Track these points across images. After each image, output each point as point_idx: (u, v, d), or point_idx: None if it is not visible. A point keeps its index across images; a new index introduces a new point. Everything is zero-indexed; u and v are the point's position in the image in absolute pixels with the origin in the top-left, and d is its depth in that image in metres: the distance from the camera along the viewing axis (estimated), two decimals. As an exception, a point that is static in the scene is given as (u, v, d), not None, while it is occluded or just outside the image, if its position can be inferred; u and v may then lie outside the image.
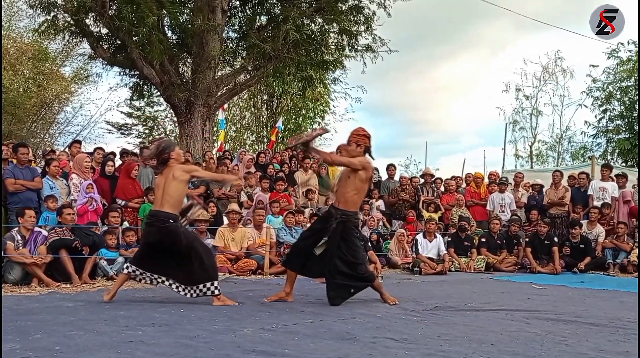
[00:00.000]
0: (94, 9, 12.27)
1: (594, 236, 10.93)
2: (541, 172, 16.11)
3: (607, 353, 3.80)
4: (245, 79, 15.42)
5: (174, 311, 5.10)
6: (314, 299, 6.22)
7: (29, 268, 7.01)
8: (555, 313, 5.49)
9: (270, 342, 3.90)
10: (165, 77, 13.64)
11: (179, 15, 13.66)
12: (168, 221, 5.56)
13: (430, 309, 5.61)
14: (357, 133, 5.92)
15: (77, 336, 3.94)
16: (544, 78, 26.30)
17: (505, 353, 3.69)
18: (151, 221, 5.67)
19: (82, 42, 14.61)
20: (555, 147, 26.70)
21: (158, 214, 5.60)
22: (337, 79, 20.02)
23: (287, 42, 13.35)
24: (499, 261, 10.84)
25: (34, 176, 8.47)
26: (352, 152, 5.85)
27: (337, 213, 5.80)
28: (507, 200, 12.01)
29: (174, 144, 5.90)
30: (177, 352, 3.52)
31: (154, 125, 25.69)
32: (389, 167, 13.11)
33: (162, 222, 5.57)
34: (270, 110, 23.30)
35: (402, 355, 3.59)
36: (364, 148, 5.84)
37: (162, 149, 5.67)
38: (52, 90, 19.14)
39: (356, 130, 5.99)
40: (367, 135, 5.91)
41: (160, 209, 5.59)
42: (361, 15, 14.10)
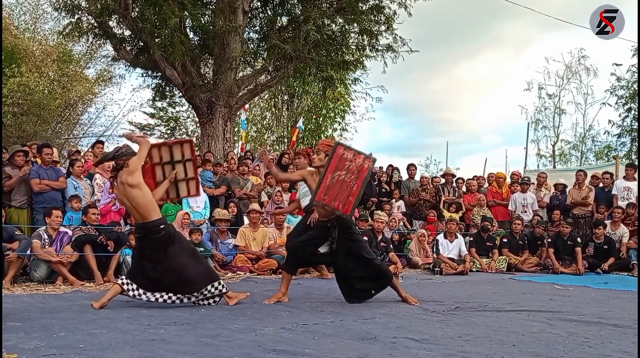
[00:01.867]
0: (117, 11, 12.41)
1: (618, 236, 10.78)
2: (564, 172, 15.93)
3: (630, 355, 3.76)
4: (266, 79, 15.47)
5: (195, 311, 5.16)
6: (334, 299, 6.24)
7: (54, 266, 7.15)
8: (578, 314, 5.44)
9: (290, 341, 3.92)
10: (187, 78, 13.74)
11: (201, 17, 13.73)
12: (159, 229, 5.33)
13: (451, 309, 5.60)
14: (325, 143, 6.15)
15: (100, 334, 4.00)
16: (567, 77, 26.03)
17: (527, 354, 3.67)
18: (143, 235, 5.34)
19: (106, 44, 14.78)
20: (579, 146, 26.41)
21: (147, 227, 5.28)
22: (357, 79, 20.01)
23: (307, 43, 13.36)
24: (520, 261, 10.75)
25: (58, 176, 8.62)
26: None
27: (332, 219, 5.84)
28: (529, 200, 11.91)
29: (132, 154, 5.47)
30: (199, 351, 3.56)
31: (176, 125, 25.88)
32: (410, 167, 13.06)
33: (155, 232, 5.30)
34: (291, 110, 23.35)
35: (423, 355, 3.59)
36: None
37: (119, 154, 5.41)
38: (76, 91, 19.35)
39: (324, 141, 6.35)
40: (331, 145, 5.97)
41: (146, 220, 5.28)
42: (382, 15, 14.04)
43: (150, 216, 5.28)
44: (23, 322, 4.37)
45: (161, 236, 5.32)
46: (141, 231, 5.35)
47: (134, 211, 5.33)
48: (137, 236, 5.51)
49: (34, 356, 3.35)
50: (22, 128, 17.19)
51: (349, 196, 5.57)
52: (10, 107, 16.52)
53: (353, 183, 5.58)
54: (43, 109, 17.67)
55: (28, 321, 4.43)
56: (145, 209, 5.27)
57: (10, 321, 4.38)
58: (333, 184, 5.55)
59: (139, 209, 5.27)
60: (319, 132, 23.11)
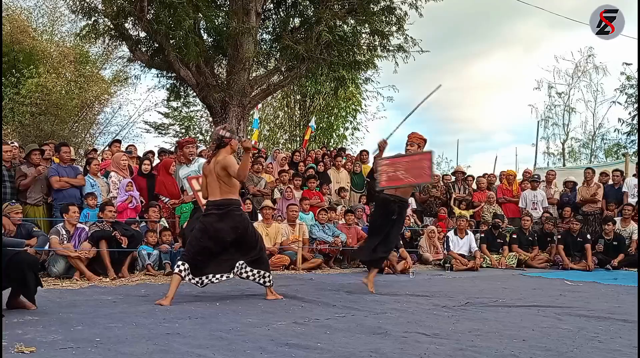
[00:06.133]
0: (133, 14, 12.53)
1: (628, 233, 10.77)
2: (574, 169, 15.87)
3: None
4: (278, 79, 15.53)
5: (209, 305, 5.23)
6: (345, 294, 6.29)
7: (72, 261, 7.27)
8: (587, 309, 5.45)
9: (302, 335, 3.95)
10: (201, 79, 13.84)
11: (215, 19, 13.82)
12: (240, 209, 5.64)
13: (461, 305, 5.63)
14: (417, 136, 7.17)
15: (116, 328, 4.06)
16: (577, 75, 25.91)
17: (537, 349, 3.68)
18: (224, 211, 5.50)
19: (121, 45, 14.86)
20: (588, 144, 26.27)
21: (229, 203, 5.53)
22: (368, 78, 20.02)
23: (319, 43, 13.42)
24: (530, 258, 10.76)
25: (76, 174, 8.76)
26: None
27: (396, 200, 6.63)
28: (539, 197, 11.94)
29: (234, 133, 5.80)
30: (212, 344, 3.60)
31: (190, 125, 26.04)
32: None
33: (238, 209, 5.61)
34: (303, 110, 23.40)
35: (433, 350, 3.60)
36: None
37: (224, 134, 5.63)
38: (93, 92, 19.49)
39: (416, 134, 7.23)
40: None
41: (229, 196, 5.54)
42: (393, 16, 14.06)
43: (235, 195, 5.60)
44: (41, 316, 4.44)
45: (240, 214, 5.62)
46: (224, 206, 5.52)
47: (218, 188, 5.52)
48: (217, 213, 5.54)
49: (51, 349, 3.39)
50: (40, 127, 17.36)
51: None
52: (29, 107, 16.70)
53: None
54: (60, 109, 17.84)
55: (46, 315, 4.50)
56: (230, 189, 5.53)
57: (29, 315, 4.47)
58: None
59: (224, 188, 5.50)
60: (331, 131, 23.17)
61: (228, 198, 5.53)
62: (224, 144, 5.61)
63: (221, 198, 5.53)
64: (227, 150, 5.61)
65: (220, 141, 5.61)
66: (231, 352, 3.43)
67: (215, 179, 5.54)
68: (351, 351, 3.52)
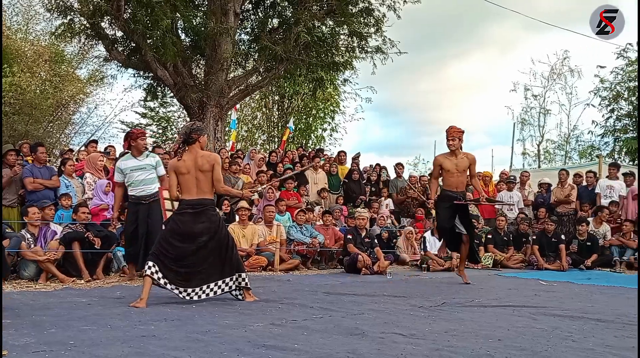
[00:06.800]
0: (110, 13, 12.41)
1: (601, 234, 10.96)
2: (549, 171, 16.08)
3: (613, 348, 3.82)
4: (256, 80, 15.52)
5: (186, 307, 5.17)
6: (323, 295, 6.29)
7: (42, 265, 7.15)
8: (562, 309, 5.52)
9: (280, 336, 3.94)
10: (179, 79, 13.77)
11: (193, 19, 13.77)
12: (215, 209, 5.57)
13: (438, 305, 5.66)
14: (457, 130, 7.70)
15: (90, 330, 3.99)
16: (552, 78, 26.32)
17: (512, 349, 3.70)
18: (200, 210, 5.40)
19: (98, 44, 14.76)
20: (563, 146, 26.70)
21: (205, 203, 5.43)
22: (347, 79, 20.13)
23: (298, 44, 13.44)
24: (506, 258, 10.87)
25: (51, 175, 8.64)
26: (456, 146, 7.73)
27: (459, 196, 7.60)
28: (514, 198, 12.10)
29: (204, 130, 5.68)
30: (189, 346, 3.56)
31: (167, 125, 25.88)
32: (397, 166, 13.17)
33: (213, 209, 5.54)
34: (281, 110, 23.41)
35: (410, 350, 3.61)
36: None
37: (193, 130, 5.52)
38: (68, 91, 19.33)
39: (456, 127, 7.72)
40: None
41: (205, 196, 5.44)
42: (371, 18, 14.16)
43: (210, 194, 5.49)
44: (13, 319, 4.35)
45: (215, 215, 5.55)
46: (199, 206, 5.41)
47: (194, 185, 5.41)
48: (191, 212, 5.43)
49: (24, 353, 3.33)
50: (13, 127, 17.16)
51: None
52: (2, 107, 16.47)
53: None
54: (35, 108, 17.66)
55: (18, 318, 4.41)
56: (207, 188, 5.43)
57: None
58: None
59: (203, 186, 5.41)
60: (309, 132, 23.20)
61: (204, 198, 5.45)
62: (193, 140, 5.50)
63: (197, 198, 5.42)
64: (197, 146, 5.52)
65: (189, 136, 5.49)
66: (208, 354, 3.40)
67: (193, 177, 5.41)
68: (328, 352, 3.52)
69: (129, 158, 7.31)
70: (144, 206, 7.19)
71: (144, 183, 7.23)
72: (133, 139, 7.29)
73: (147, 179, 7.26)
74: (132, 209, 7.26)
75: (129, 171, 7.20)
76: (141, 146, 7.38)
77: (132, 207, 7.28)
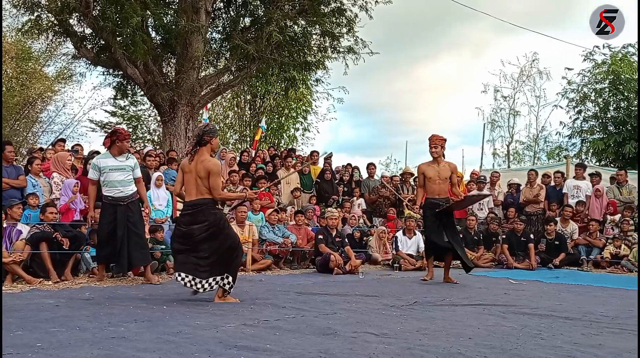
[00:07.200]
0: (78, 9, 12.22)
1: (568, 233, 11.16)
2: (518, 171, 16.31)
3: (580, 346, 3.88)
4: (228, 79, 15.45)
5: (157, 308, 5.12)
6: (295, 295, 6.28)
7: (7, 267, 6.97)
8: (531, 307, 5.60)
9: (252, 337, 3.91)
10: (149, 77, 13.63)
11: (163, 16, 13.63)
12: (215, 208, 5.66)
13: (409, 304, 5.70)
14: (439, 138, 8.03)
15: (58, 333, 3.92)
16: (522, 79, 26.74)
17: (483, 347, 3.75)
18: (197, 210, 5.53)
19: (66, 41, 14.54)
20: (532, 147, 27.13)
21: (203, 202, 5.55)
22: (319, 79, 20.16)
23: (270, 44, 13.41)
24: (476, 257, 10.99)
25: (18, 175, 8.45)
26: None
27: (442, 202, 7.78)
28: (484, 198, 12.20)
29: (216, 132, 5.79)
30: (159, 348, 3.52)
31: (138, 124, 25.57)
32: (369, 166, 13.23)
33: (213, 208, 5.64)
34: (254, 110, 23.34)
35: (382, 350, 3.62)
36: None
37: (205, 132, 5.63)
38: (35, 89, 19.04)
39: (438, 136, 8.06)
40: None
41: (205, 196, 5.55)
42: (343, 18, 14.20)
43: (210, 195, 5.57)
44: (-22, 321, 4.28)
45: (215, 213, 5.61)
46: (198, 206, 5.54)
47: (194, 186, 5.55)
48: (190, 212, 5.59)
49: (-11, 355, 3.26)
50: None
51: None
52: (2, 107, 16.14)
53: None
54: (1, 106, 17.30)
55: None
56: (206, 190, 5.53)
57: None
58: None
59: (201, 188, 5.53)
60: (282, 132, 23.17)
61: (203, 198, 5.55)
62: (205, 142, 5.60)
63: (196, 198, 5.56)
64: (208, 149, 5.63)
65: (201, 138, 5.59)
66: (179, 355, 3.37)
67: (193, 178, 5.56)
68: (300, 352, 3.51)
69: (108, 156, 7.20)
70: (122, 208, 7.10)
71: (122, 184, 7.13)
72: (120, 139, 7.19)
73: (125, 181, 7.17)
74: (110, 210, 7.14)
75: (107, 171, 7.10)
76: (126, 147, 7.31)
77: (109, 208, 7.15)
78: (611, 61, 20.58)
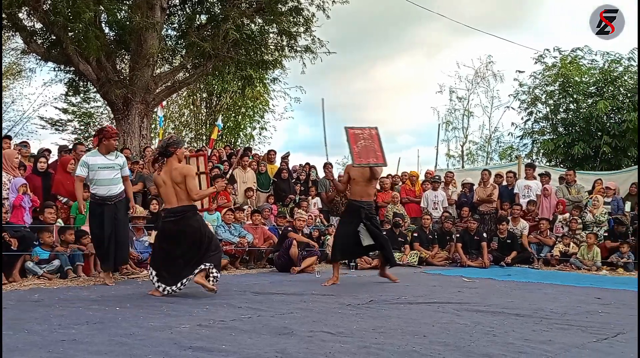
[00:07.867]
0: (28, 3, 11.87)
1: (519, 231, 11.42)
2: (472, 171, 16.59)
3: (531, 342, 3.97)
4: (184, 77, 15.27)
5: (109, 309, 5.03)
6: (252, 294, 6.26)
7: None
8: (484, 305, 5.72)
9: (207, 338, 3.89)
10: (102, 74, 13.36)
11: (117, 12, 13.37)
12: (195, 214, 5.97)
13: (365, 303, 5.74)
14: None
15: (6, 336, 3.80)
16: (476, 81, 27.24)
17: (437, 344, 3.80)
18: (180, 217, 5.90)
19: (15, 36, 14.11)
20: (485, 147, 27.67)
21: (186, 209, 5.91)
22: (276, 78, 20.11)
23: (226, 42, 13.32)
24: (431, 256, 11.16)
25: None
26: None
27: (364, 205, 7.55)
28: (439, 198, 12.42)
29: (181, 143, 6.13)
30: (112, 350, 3.47)
31: (90, 121, 25.03)
32: (326, 166, 13.23)
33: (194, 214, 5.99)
34: (210, 108, 23.13)
35: (338, 348, 3.64)
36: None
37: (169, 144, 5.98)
38: (-18, 85, 18.40)
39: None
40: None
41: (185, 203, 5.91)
42: (300, 17, 14.20)
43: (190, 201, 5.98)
44: None
45: (197, 219, 6.01)
46: (180, 213, 5.92)
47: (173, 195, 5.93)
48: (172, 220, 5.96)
49: None
50: None
51: (376, 152, 7.46)
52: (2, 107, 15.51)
53: (372, 144, 7.49)
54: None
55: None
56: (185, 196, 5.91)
57: None
58: (360, 150, 7.38)
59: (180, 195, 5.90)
60: (238, 131, 23.01)
61: (183, 205, 5.91)
62: (170, 153, 5.90)
63: (177, 206, 5.90)
64: (175, 159, 5.94)
65: (166, 149, 5.89)
66: (132, 358, 3.32)
67: (170, 187, 5.89)
68: (257, 352, 3.50)
69: (96, 155, 7.05)
70: (110, 206, 6.99)
71: (110, 183, 7.03)
72: (107, 137, 7.04)
73: (114, 179, 7.08)
74: (97, 210, 7.01)
75: (96, 169, 6.95)
76: (113, 145, 7.17)
77: (96, 208, 7.03)
78: (561, 64, 21.10)
